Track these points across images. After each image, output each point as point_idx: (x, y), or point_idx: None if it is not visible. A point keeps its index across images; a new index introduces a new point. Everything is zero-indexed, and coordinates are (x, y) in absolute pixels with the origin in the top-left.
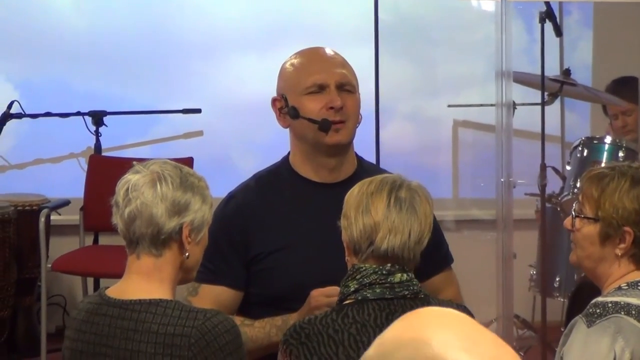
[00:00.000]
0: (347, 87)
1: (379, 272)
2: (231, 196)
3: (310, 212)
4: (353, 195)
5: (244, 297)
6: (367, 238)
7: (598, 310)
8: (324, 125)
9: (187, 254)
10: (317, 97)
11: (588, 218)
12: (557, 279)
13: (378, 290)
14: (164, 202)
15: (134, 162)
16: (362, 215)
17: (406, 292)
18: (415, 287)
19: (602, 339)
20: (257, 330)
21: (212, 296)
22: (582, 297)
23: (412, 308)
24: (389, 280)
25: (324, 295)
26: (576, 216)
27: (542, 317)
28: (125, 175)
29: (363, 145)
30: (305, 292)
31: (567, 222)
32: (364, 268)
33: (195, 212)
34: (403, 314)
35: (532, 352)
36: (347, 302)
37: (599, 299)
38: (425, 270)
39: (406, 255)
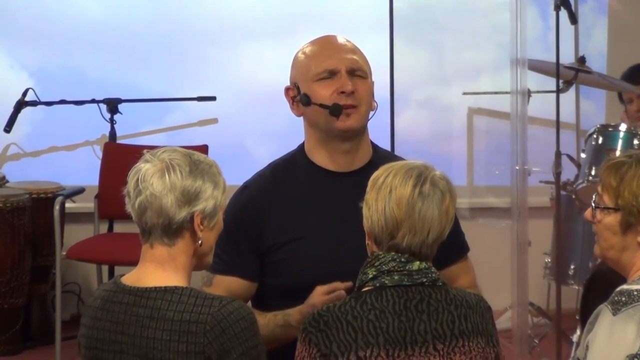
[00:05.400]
0: (359, 72)
1: (397, 260)
2: (245, 186)
3: (325, 202)
4: (377, 184)
5: (259, 287)
6: (389, 234)
7: (623, 298)
8: (335, 110)
9: (200, 241)
10: (328, 82)
11: (608, 208)
12: (572, 267)
13: (396, 277)
14: (174, 192)
15: (145, 151)
16: (385, 209)
17: (424, 280)
18: (433, 275)
19: (627, 327)
20: (260, 327)
21: (225, 286)
22: (597, 285)
23: (429, 295)
24: (407, 267)
25: (324, 294)
26: (596, 207)
27: (557, 305)
28: (136, 165)
29: (378, 133)
30: (321, 282)
31: (588, 213)
32: (382, 255)
33: (207, 200)
34: (421, 300)
35: (546, 339)
36: (365, 289)
37: (624, 286)
38: (441, 260)
39: (424, 251)
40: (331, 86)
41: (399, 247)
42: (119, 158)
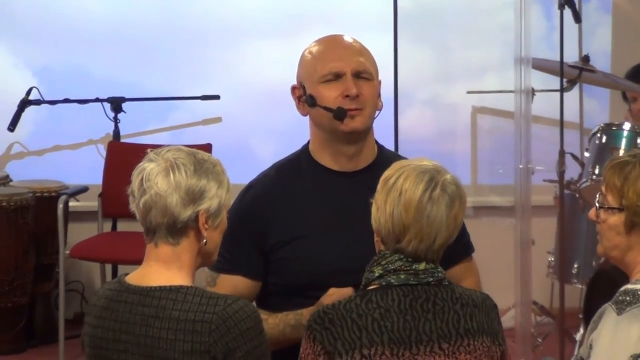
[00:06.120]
0: (364, 75)
1: (404, 260)
2: (250, 186)
3: (329, 201)
4: (388, 185)
5: (264, 286)
6: (395, 238)
7: (628, 298)
8: (339, 114)
9: (204, 240)
10: (333, 85)
11: (612, 208)
12: (575, 266)
13: (402, 277)
14: (178, 192)
15: (148, 150)
16: (393, 213)
17: (430, 279)
18: (439, 274)
19: (632, 327)
20: (270, 327)
21: (230, 286)
22: (601, 283)
23: (435, 294)
24: (413, 267)
25: (339, 297)
26: (600, 207)
27: (560, 304)
28: (140, 164)
29: (382, 132)
30: (325, 281)
31: (592, 213)
32: (389, 254)
33: (211, 199)
34: (426, 300)
35: (550, 338)
36: (371, 287)
37: (629, 286)
38: (445, 260)
39: (430, 256)
40: (336, 89)
41: (404, 251)
42: (122, 157)
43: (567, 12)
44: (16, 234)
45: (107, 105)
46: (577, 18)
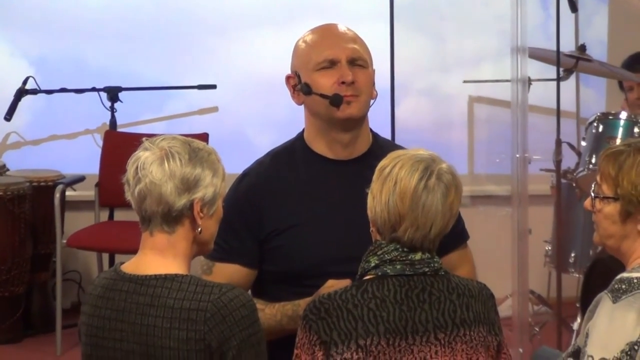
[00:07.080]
0: (359, 62)
1: (400, 250)
2: (245, 174)
3: (324, 189)
4: (383, 174)
5: (259, 275)
6: (391, 227)
7: (623, 286)
8: (336, 100)
9: (199, 229)
10: (328, 72)
11: (607, 198)
12: (572, 255)
13: (398, 267)
14: (173, 180)
15: (144, 139)
16: (388, 202)
17: (426, 269)
18: (435, 265)
19: (627, 315)
20: (267, 317)
21: (226, 275)
22: (598, 273)
23: (431, 285)
24: (409, 257)
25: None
26: (595, 197)
27: (558, 293)
28: (135, 153)
29: (378, 122)
30: (320, 269)
31: (587, 203)
32: (385, 244)
33: (206, 187)
34: (422, 290)
35: (547, 327)
36: (367, 277)
37: (624, 274)
38: (440, 248)
39: (426, 246)
40: (332, 76)
41: (400, 240)
42: (119, 146)
43: (564, 1)
44: (13, 224)
45: (104, 95)
46: (574, 7)
